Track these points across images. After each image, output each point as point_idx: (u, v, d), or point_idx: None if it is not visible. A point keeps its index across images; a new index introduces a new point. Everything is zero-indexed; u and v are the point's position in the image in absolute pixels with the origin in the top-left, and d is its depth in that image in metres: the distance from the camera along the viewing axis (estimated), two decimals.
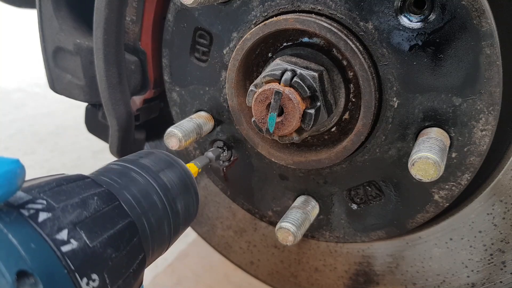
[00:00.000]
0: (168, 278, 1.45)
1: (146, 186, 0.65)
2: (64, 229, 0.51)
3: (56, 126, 2.51)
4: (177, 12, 0.90)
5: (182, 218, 0.71)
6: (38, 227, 0.49)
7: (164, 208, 0.66)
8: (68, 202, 0.54)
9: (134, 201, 0.62)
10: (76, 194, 0.56)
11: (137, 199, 0.63)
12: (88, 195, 0.57)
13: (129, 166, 0.68)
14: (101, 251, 0.53)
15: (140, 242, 0.60)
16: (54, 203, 0.52)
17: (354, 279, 0.99)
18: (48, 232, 0.49)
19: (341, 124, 0.84)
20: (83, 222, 0.53)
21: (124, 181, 0.64)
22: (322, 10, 0.76)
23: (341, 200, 0.90)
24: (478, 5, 0.67)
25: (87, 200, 0.56)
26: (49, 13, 1.00)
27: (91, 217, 0.54)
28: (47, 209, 0.51)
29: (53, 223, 0.50)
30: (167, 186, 0.68)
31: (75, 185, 0.57)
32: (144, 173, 0.67)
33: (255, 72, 0.88)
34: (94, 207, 0.56)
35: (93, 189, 0.58)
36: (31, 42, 1.88)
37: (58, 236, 0.50)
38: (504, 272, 0.83)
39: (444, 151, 0.70)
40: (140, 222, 0.61)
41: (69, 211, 0.53)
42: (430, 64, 0.72)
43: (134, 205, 0.62)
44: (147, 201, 0.64)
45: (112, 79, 0.91)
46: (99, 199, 0.57)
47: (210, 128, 0.95)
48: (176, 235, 0.71)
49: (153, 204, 0.65)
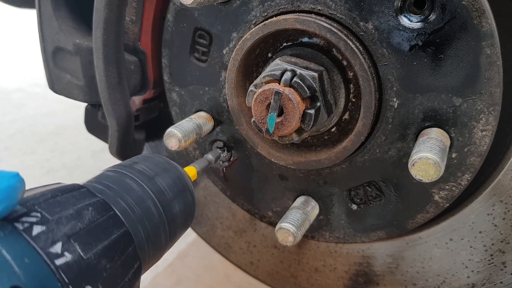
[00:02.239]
0: (168, 278, 1.45)
1: (141, 193, 0.65)
2: (58, 242, 0.51)
3: (56, 126, 2.51)
4: (177, 12, 0.90)
5: (179, 222, 0.70)
6: (32, 241, 0.49)
7: (159, 214, 0.66)
8: (63, 214, 0.54)
9: (129, 209, 0.62)
10: (70, 205, 0.56)
11: (131, 207, 0.62)
12: (83, 205, 0.57)
13: (124, 172, 0.67)
14: (95, 263, 0.53)
15: (135, 251, 0.60)
16: (48, 216, 0.52)
17: (354, 279, 0.99)
18: (42, 245, 0.49)
19: (341, 124, 0.84)
20: (77, 234, 0.53)
21: (119, 189, 0.64)
22: (322, 10, 0.76)
23: (341, 201, 0.90)
24: (479, 5, 0.67)
25: (81, 211, 0.56)
26: (48, 13, 1.00)
27: (85, 229, 0.54)
28: (41, 222, 0.51)
29: (47, 236, 0.50)
30: (162, 191, 0.68)
31: (70, 195, 0.57)
32: (138, 179, 0.67)
33: (255, 72, 0.87)
34: (89, 218, 0.56)
35: (88, 199, 0.58)
36: (31, 42, 1.88)
37: (52, 250, 0.50)
38: (504, 272, 0.82)
39: (444, 151, 0.70)
40: (136, 230, 0.61)
41: (63, 223, 0.53)
42: (430, 64, 0.72)
43: (129, 214, 0.62)
44: (142, 208, 0.64)
45: (111, 79, 0.91)
46: (94, 209, 0.57)
47: (210, 128, 0.95)
48: (174, 239, 0.71)
49: (148, 210, 0.65)
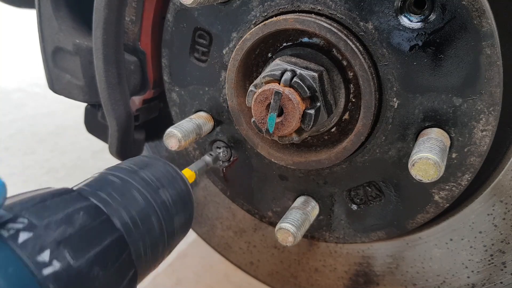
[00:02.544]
0: (168, 278, 1.45)
1: (145, 206, 0.62)
2: (46, 249, 0.48)
3: (56, 126, 2.51)
4: (177, 12, 0.90)
5: (178, 234, 0.69)
6: (18, 248, 0.46)
7: (161, 228, 0.64)
8: (52, 218, 0.51)
9: (131, 222, 0.59)
10: (60, 210, 0.53)
11: (134, 220, 0.60)
12: (73, 210, 0.54)
13: (128, 179, 0.64)
14: (86, 271, 0.50)
15: (130, 257, 0.57)
16: (36, 221, 0.49)
17: (354, 279, 0.99)
18: (28, 253, 0.46)
19: (341, 124, 0.84)
20: (67, 239, 0.50)
21: (122, 200, 0.61)
22: (322, 10, 0.76)
23: (341, 201, 0.90)
24: (479, 5, 0.67)
25: (72, 216, 0.53)
26: (48, 13, 1.00)
27: (76, 234, 0.51)
28: (28, 228, 0.48)
29: (35, 243, 0.47)
30: (167, 206, 0.66)
31: (60, 199, 0.55)
32: (144, 189, 0.64)
33: (254, 72, 0.87)
34: (80, 223, 0.53)
35: (79, 203, 0.55)
36: (31, 42, 1.88)
37: (39, 258, 0.47)
38: (504, 272, 0.82)
39: (444, 151, 0.70)
40: (136, 243, 0.59)
41: (52, 229, 0.50)
42: (431, 64, 0.72)
43: (131, 228, 0.59)
44: (145, 223, 0.61)
45: (111, 79, 0.91)
46: (85, 213, 0.54)
47: (210, 129, 0.95)
48: (171, 250, 0.69)
49: (151, 226, 0.62)
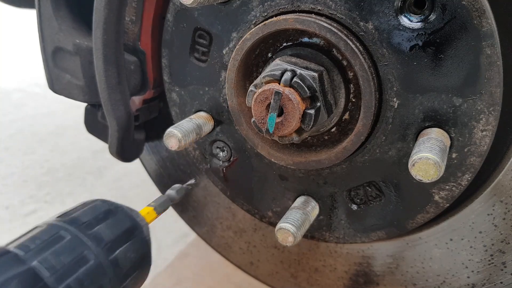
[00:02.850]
0: (168, 278, 1.45)
1: (95, 267, 0.56)
2: None
3: (56, 126, 2.51)
4: (177, 12, 0.90)
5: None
6: None
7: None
8: None
9: (78, 285, 0.54)
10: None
11: (80, 284, 0.54)
12: (6, 278, 0.47)
13: (78, 237, 0.58)
14: None
15: None
16: None
17: (354, 279, 0.99)
18: None
19: (341, 124, 0.84)
20: None
21: (70, 262, 0.54)
22: (322, 10, 0.76)
23: (341, 201, 0.90)
24: (479, 5, 0.67)
25: (5, 286, 0.47)
26: (48, 13, 1.00)
27: None
28: None
29: None
30: (119, 265, 0.60)
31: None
32: (94, 249, 0.58)
33: (254, 72, 0.87)
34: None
35: (14, 269, 0.49)
36: (31, 42, 1.88)
37: None
38: (504, 273, 0.82)
39: (444, 151, 0.70)
40: None
41: None
42: (431, 64, 0.72)
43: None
44: (93, 286, 0.56)
45: (111, 79, 0.91)
46: (19, 282, 0.48)
47: (210, 129, 0.95)
48: None
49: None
